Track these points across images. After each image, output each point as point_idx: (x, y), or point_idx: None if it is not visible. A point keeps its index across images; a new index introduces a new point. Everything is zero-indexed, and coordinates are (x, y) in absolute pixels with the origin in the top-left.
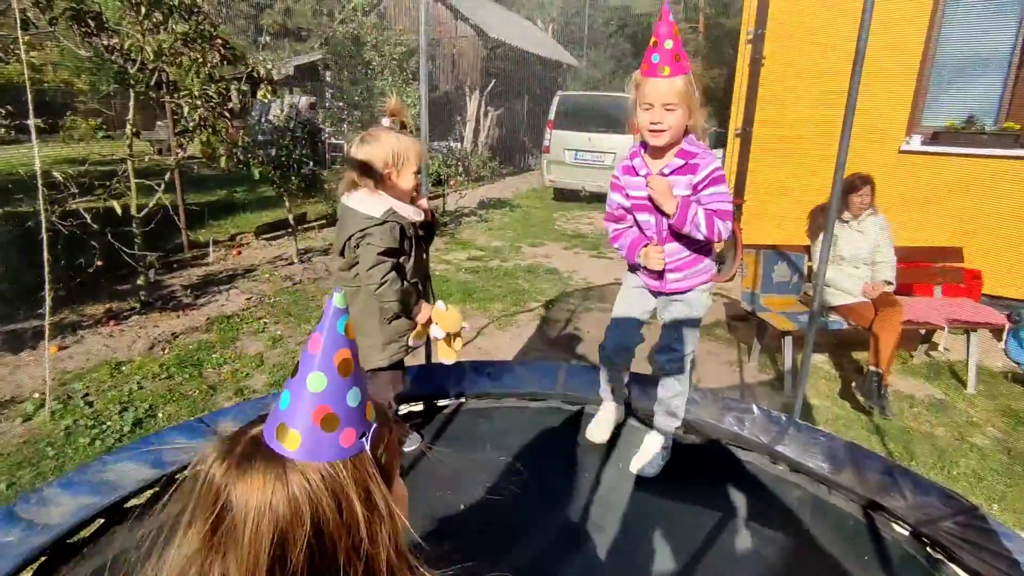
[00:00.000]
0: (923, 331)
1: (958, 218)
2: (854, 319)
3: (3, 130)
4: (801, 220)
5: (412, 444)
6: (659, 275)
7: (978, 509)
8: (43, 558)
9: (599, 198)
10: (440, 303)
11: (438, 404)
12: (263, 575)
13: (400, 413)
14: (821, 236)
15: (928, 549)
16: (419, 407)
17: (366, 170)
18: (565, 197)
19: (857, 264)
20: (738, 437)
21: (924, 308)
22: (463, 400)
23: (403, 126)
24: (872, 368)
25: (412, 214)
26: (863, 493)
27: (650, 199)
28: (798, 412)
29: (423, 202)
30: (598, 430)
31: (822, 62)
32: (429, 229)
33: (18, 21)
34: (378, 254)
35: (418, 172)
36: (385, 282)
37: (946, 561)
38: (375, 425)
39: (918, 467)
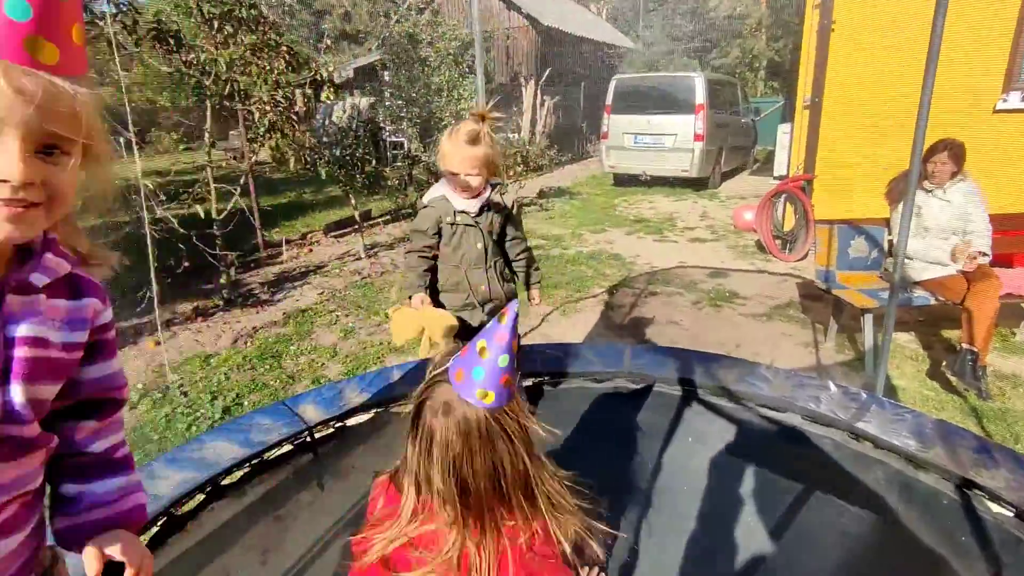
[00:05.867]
0: None
1: None
2: (944, 294)
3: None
4: (877, 192)
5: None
6: None
7: None
8: (155, 528)
9: (660, 182)
10: (426, 307)
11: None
12: (480, 472)
13: None
14: (901, 206)
15: None
16: None
17: None
18: (625, 182)
19: (945, 235)
20: (816, 415)
21: None
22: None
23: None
24: (966, 346)
25: (461, 204)
26: (956, 471)
27: None
28: (881, 389)
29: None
30: None
31: (899, 19)
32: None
33: (114, 46)
34: (411, 230)
35: (455, 174)
36: (407, 256)
37: None
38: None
39: (1023, 450)
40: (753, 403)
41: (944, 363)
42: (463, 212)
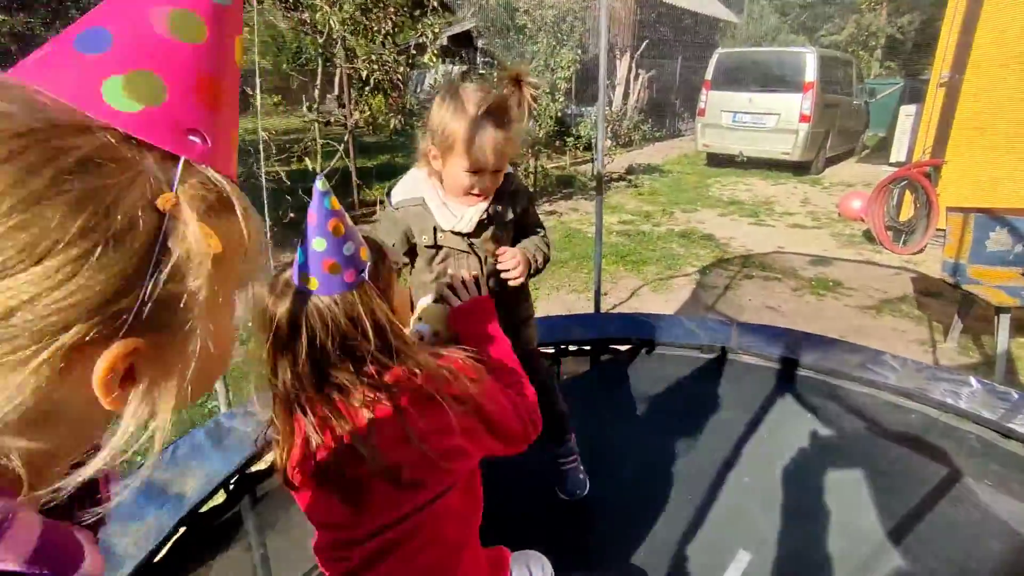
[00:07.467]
0: None
1: None
2: None
3: None
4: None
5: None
6: None
7: None
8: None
9: (757, 163)
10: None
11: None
12: (304, 353)
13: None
14: None
15: None
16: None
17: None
18: (719, 163)
19: None
20: (960, 410)
21: None
22: (633, 347)
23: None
24: None
25: (449, 219)
26: None
27: None
28: None
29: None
30: None
31: None
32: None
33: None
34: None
35: (476, 172)
36: None
37: None
38: (369, 263)
39: None
40: (888, 392)
41: None
42: (454, 233)
